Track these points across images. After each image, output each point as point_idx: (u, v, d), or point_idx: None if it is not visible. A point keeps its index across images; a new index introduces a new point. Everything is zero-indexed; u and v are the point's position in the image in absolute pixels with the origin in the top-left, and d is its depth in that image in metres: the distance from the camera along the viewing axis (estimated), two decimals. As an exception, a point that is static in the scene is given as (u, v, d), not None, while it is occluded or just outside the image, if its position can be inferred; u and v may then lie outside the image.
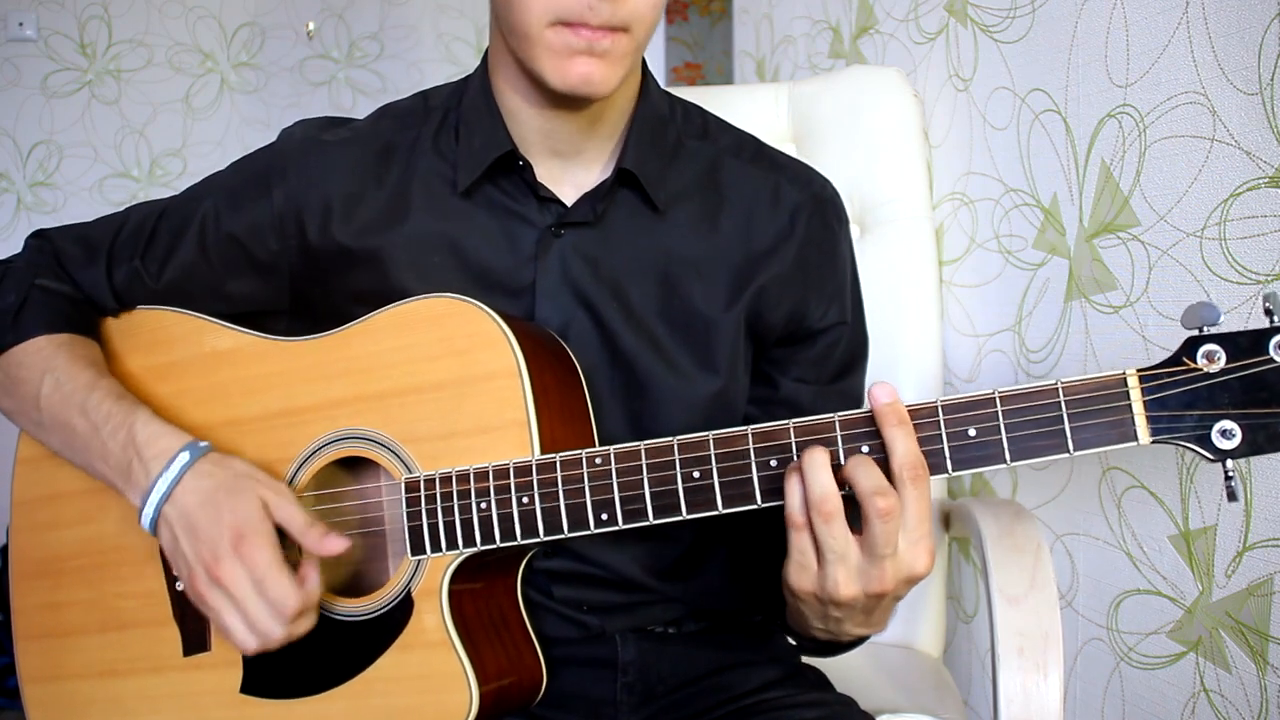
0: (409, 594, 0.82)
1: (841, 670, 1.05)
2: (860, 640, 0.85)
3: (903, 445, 0.69)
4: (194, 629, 0.89)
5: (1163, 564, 1.05)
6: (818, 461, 0.69)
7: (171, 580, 0.90)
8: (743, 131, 0.99)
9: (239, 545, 0.79)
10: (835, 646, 0.88)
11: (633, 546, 0.91)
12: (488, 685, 0.80)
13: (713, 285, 0.91)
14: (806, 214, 0.93)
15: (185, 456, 0.83)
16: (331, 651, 0.84)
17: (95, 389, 0.88)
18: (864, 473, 0.68)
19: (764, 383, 0.96)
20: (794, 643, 0.96)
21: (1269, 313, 0.66)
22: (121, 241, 0.95)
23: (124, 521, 0.91)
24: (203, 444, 0.85)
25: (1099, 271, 1.11)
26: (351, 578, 0.91)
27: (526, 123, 0.88)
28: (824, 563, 0.70)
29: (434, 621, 0.80)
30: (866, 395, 0.71)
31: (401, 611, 0.82)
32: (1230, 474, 0.66)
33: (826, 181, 0.98)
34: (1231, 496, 0.66)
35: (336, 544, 0.82)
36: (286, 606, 0.79)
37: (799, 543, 0.71)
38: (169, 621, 0.90)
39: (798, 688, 0.93)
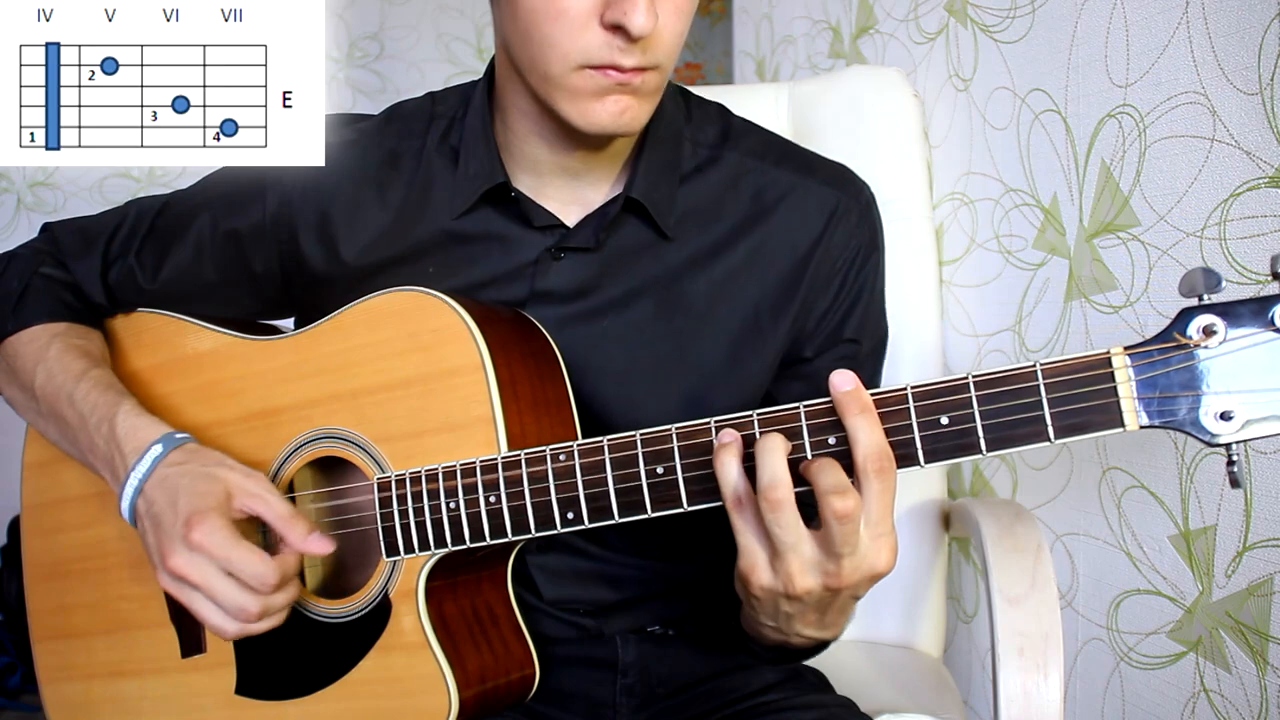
0: (386, 596, 0.81)
1: (842, 671, 1.05)
2: (813, 649, 0.81)
3: (866, 436, 0.64)
4: (190, 630, 0.89)
5: (1163, 564, 1.05)
6: (770, 446, 0.65)
7: None
8: (768, 131, 0.95)
9: (189, 533, 0.76)
10: (787, 653, 0.83)
11: (628, 536, 0.90)
12: (469, 687, 0.79)
13: (715, 327, 0.88)
14: (841, 221, 0.89)
15: (158, 449, 0.82)
16: (319, 653, 0.84)
17: (83, 380, 0.87)
18: (825, 473, 0.64)
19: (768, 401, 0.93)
20: (750, 654, 0.89)
21: (1277, 276, 0.59)
22: (120, 237, 0.95)
23: (122, 524, 0.91)
24: (179, 435, 0.84)
25: (1099, 271, 1.11)
26: (337, 578, 0.90)
27: (537, 144, 0.85)
28: (776, 555, 0.66)
29: (411, 623, 0.80)
30: (829, 384, 0.66)
31: (380, 613, 0.81)
32: (1233, 459, 0.60)
33: (864, 184, 0.93)
34: (1234, 483, 0.60)
35: (321, 544, 0.79)
36: (259, 580, 0.76)
37: (738, 525, 0.67)
38: (167, 623, 0.90)
39: (797, 690, 0.92)
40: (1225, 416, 0.60)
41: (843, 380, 0.66)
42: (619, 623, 0.93)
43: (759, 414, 0.69)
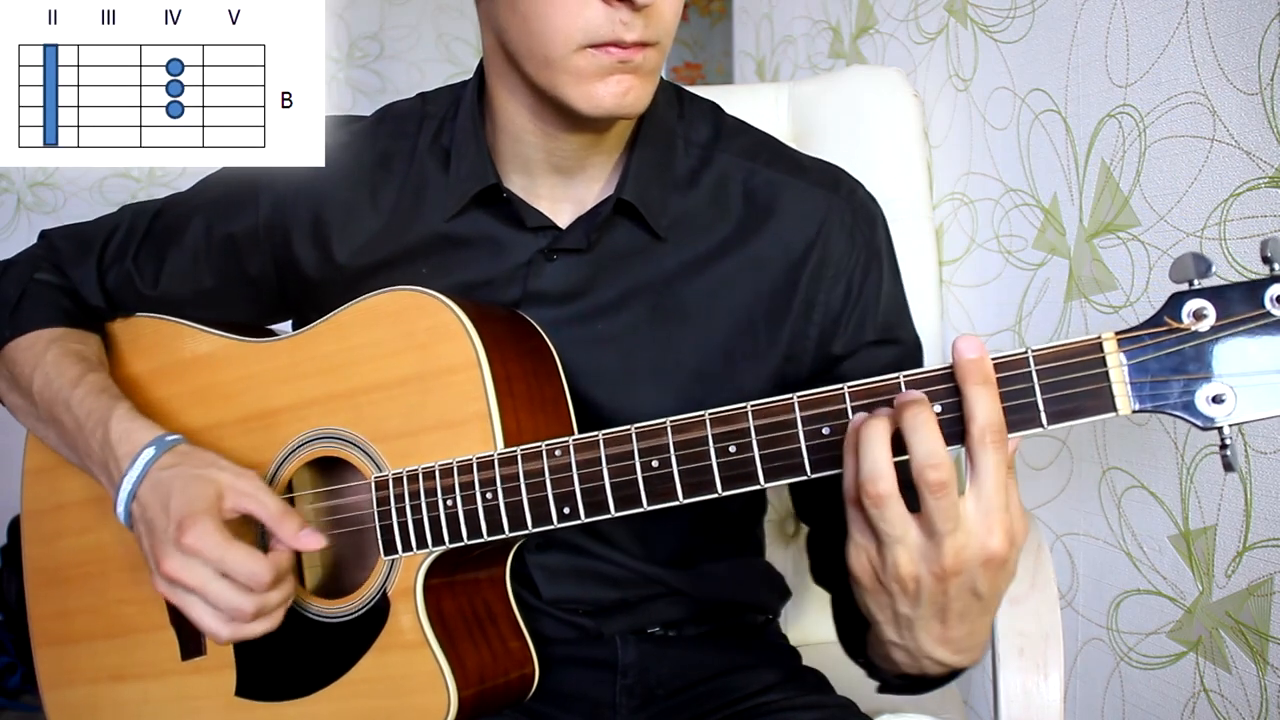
0: (384, 594, 0.81)
1: (842, 671, 1.04)
2: (947, 676, 0.76)
3: (985, 405, 0.60)
4: (190, 633, 0.89)
5: (1163, 564, 1.05)
6: (872, 434, 0.61)
7: None
8: (760, 131, 0.94)
9: (181, 536, 0.77)
10: (922, 682, 0.78)
11: (628, 533, 0.90)
12: (468, 685, 0.79)
13: (709, 331, 0.87)
14: (836, 223, 0.88)
15: (150, 452, 0.82)
16: (318, 653, 0.84)
17: (79, 385, 0.88)
18: (920, 437, 0.59)
19: None
20: (878, 684, 0.85)
21: (1267, 260, 0.58)
22: (115, 242, 0.95)
23: (120, 529, 0.92)
24: (171, 438, 0.84)
25: (1099, 271, 1.11)
26: (335, 577, 0.90)
27: (531, 143, 0.85)
28: (881, 547, 0.63)
29: (410, 622, 0.80)
30: (952, 349, 0.62)
31: (379, 612, 0.81)
32: (1226, 443, 0.60)
33: (857, 184, 0.92)
34: (1228, 467, 0.60)
35: (313, 540, 0.80)
36: (253, 579, 0.76)
37: (852, 515, 0.64)
38: (167, 626, 0.90)
39: (797, 690, 0.92)
40: (1217, 400, 0.59)
41: (968, 346, 0.61)
42: (618, 623, 0.93)
43: (798, 398, 0.67)
